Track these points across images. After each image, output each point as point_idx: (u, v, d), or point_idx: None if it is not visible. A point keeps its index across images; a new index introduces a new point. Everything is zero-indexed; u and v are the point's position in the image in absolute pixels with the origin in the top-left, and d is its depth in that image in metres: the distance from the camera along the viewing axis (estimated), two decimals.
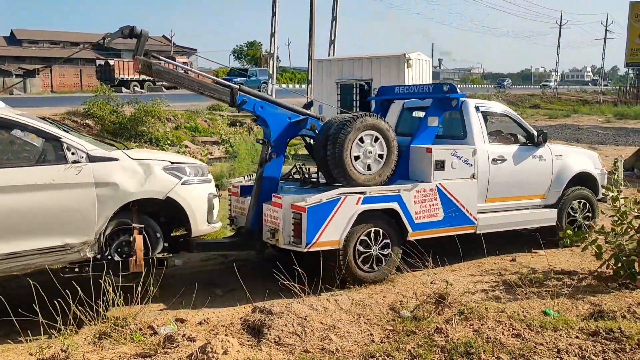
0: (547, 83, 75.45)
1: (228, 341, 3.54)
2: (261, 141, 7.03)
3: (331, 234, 6.20)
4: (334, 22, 24.77)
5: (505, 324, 3.71)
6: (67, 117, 19.39)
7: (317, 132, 6.88)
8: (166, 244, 6.03)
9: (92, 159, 5.42)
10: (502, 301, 5.88)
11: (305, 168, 7.42)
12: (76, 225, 5.29)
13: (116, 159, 5.59)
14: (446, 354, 3.40)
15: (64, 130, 5.67)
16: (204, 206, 6.01)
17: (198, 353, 3.56)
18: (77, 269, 5.39)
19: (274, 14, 24.65)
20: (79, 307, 4.47)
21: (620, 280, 6.38)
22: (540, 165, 7.88)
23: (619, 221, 6.60)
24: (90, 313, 4.55)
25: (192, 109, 23.01)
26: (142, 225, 5.63)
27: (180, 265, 7.44)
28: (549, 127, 28.39)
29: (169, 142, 15.25)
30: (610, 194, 6.92)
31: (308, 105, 7.74)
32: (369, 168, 6.65)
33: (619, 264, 6.46)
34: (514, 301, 5.82)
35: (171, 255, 6.14)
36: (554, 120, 34.10)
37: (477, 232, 7.32)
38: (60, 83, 47.65)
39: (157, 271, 5.42)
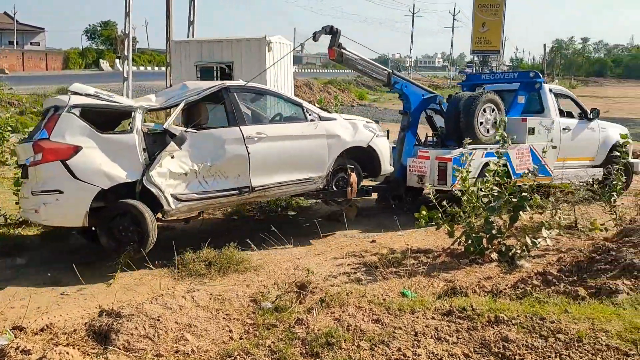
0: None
1: (67, 352, 3.15)
2: (402, 112, 9.53)
3: None
4: (192, 2, 23.82)
5: (365, 309, 3.69)
6: None
7: (441, 107, 9.48)
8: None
9: (322, 118, 7.65)
10: (363, 283, 5.95)
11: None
12: (316, 164, 7.47)
13: (335, 119, 7.86)
14: (307, 346, 3.29)
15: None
16: (388, 153, 8.33)
17: None
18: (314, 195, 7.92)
19: None
20: None
21: (470, 257, 6.75)
22: (592, 135, 10.23)
23: (470, 199, 6.96)
24: None
25: (39, 92, 21.12)
26: (353, 166, 7.91)
27: (23, 264, 6.74)
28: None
29: (9, 128, 13.43)
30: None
31: None
32: (487, 131, 8.99)
33: (469, 241, 6.83)
34: (374, 282, 5.91)
35: (371, 187, 8.89)
36: None
37: (552, 182, 9.60)
38: None
39: None
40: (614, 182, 7.42)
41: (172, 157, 6.62)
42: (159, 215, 6.71)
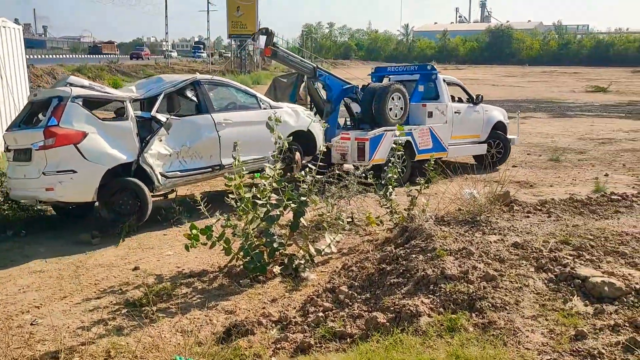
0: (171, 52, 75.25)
1: None
2: (325, 101, 10.96)
3: (380, 155, 10.08)
4: None
5: None
6: None
7: (358, 95, 11.03)
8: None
9: (272, 106, 9.34)
10: (125, 333, 4.76)
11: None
12: (270, 145, 7.46)
13: (282, 107, 9.53)
14: None
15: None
16: (322, 135, 9.80)
17: None
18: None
19: None
20: None
21: (251, 275, 5.92)
22: (478, 116, 12.06)
23: (246, 210, 6.09)
24: None
25: None
26: (297, 146, 9.37)
27: None
28: None
29: None
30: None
31: None
32: (396, 115, 10.56)
33: (248, 257, 5.99)
34: (140, 329, 4.75)
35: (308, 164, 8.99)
36: None
37: (447, 157, 11.61)
38: None
39: None
40: (389, 176, 7.23)
41: (160, 140, 7.80)
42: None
